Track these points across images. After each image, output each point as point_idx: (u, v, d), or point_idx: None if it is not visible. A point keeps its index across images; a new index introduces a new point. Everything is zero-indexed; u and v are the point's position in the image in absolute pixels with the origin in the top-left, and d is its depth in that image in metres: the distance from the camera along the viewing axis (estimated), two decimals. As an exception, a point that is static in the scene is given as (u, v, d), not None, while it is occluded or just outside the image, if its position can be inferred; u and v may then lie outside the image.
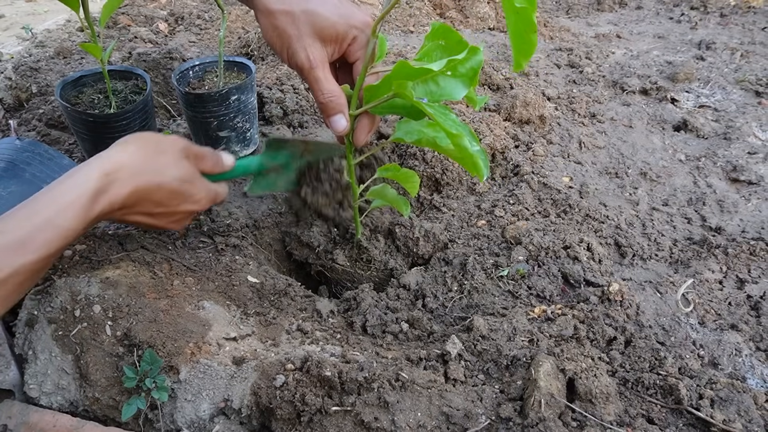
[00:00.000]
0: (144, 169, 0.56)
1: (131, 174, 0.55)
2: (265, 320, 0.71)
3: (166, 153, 0.59)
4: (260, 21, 0.62)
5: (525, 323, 0.69)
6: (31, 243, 0.48)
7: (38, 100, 1.20)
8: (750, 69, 1.44)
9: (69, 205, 0.51)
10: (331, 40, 0.61)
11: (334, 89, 0.61)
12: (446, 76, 0.55)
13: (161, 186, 0.58)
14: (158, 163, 0.58)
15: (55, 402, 0.65)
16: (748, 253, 0.84)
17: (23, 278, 0.48)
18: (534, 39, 0.51)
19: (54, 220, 0.49)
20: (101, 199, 0.53)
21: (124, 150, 0.56)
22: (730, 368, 0.67)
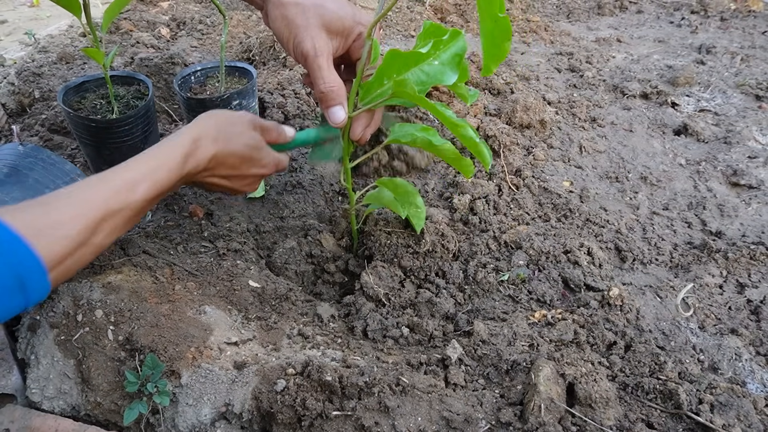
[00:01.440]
0: (221, 137, 0.65)
1: (212, 140, 0.63)
2: (266, 325, 0.71)
3: (237, 125, 0.67)
4: (270, 12, 0.64)
5: (525, 328, 0.69)
6: (136, 187, 0.57)
7: (41, 106, 1.21)
8: (750, 73, 1.44)
9: (165, 162, 0.60)
10: (338, 34, 0.64)
11: (334, 80, 0.63)
12: (433, 64, 0.58)
13: (234, 152, 0.66)
14: (232, 133, 0.66)
15: (57, 406, 0.65)
16: (749, 258, 0.84)
17: (130, 214, 0.56)
18: (507, 46, 0.53)
19: (154, 173, 0.58)
20: (190, 161, 0.61)
21: (206, 122, 0.65)
22: (730, 373, 0.67)
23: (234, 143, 0.66)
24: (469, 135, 0.57)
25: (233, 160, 0.66)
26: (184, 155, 0.61)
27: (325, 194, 0.96)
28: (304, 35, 0.62)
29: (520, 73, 1.36)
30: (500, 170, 0.97)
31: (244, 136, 0.67)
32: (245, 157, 0.67)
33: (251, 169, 0.69)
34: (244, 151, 0.67)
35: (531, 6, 2.05)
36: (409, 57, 0.58)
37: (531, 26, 1.78)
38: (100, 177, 0.56)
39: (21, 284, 0.46)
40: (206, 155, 0.63)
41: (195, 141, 0.62)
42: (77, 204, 0.53)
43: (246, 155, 0.67)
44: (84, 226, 0.52)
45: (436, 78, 0.59)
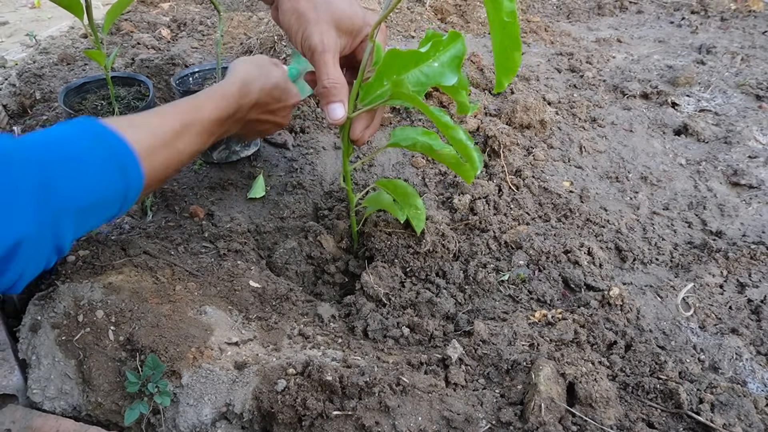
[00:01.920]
0: (262, 74, 0.71)
1: (255, 78, 0.70)
2: (267, 325, 0.72)
3: (268, 64, 0.74)
4: (282, 5, 0.66)
5: (525, 327, 0.69)
6: (202, 107, 0.63)
7: (42, 107, 1.21)
8: (750, 73, 1.44)
9: (224, 94, 0.66)
10: (346, 32, 0.65)
11: (338, 77, 0.64)
12: (433, 65, 0.59)
13: (276, 85, 0.72)
14: (269, 70, 0.73)
15: (59, 407, 0.65)
16: (749, 257, 0.84)
17: (200, 130, 0.63)
18: (518, 57, 0.52)
19: (216, 100, 0.65)
20: (243, 93, 0.68)
21: (245, 66, 0.71)
22: (731, 372, 0.67)
23: (273, 77, 0.72)
24: (460, 137, 0.57)
25: (277, 92, 0.73)
26: (239, 88, 0.68)
27: (325, 194, 0.96)
28: (313, 29, 0.63)
29: (520, 74, 1.36)
30: (500, 170, 0.97)
31: (276, 71, 0.74)
32: (283, 88, 0.74)
33: (289, 99, 0.76)
34: (281, 83, 0.73)
35: (531, 6, 2.05)
36: (409, 57, 0.59)
37: (531, 26, 1.79)
38: (172, 104, 0.63)
39: (122, 167, 0.52)
40: (256, 88, 0.69)
41: (243, 80, 0.69)
42: (158, 115, 0.60)
43: (283, 86, 0.74)
44: (168, 129, 0.59)
45: (435, 79, 0.59)
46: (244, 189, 0.97)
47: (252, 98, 0.69)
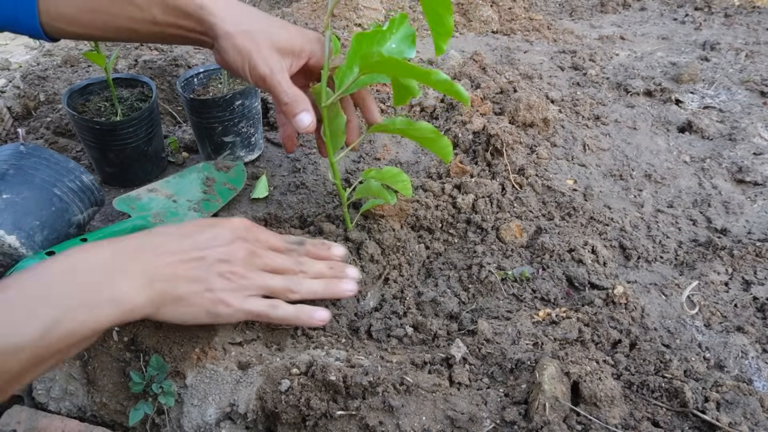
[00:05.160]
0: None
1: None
2: (270, 325, 0.72)
3: None
4: (221, 45, 0.65)
5: (529, 326, 0.69)
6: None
7: (46, 109, 1.22)
8: (755, 69, 1.43)
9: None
10: (289, 53, 0.66)
11: (295, 91, 0.64)
12: (391, 46, 0.62)
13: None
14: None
15: (64, 407, 0.66)
16: (754, 255, 0.84)
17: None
18: (450, 22, 0.54)
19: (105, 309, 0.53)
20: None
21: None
22: (736, 371, 0.67)
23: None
24: (443, 78, 0.55)
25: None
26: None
27: (329, 194, 0.96)
28: (257, 58, 0.63)
29: (523, 72, 1.35)
30: (503, 169, 0.96)
31: None
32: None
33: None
34: None
35: (534, 5, 2.04)
36: (373, 36, 0.60)
37: (534, 24, 1.78)
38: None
39: None
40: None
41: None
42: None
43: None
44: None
45: (399, 55, 0.62)
46: (248, 189, 0.97)
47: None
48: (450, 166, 0.99)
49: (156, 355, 0.63)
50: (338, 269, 0.68)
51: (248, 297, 0.60)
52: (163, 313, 0.56)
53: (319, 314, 0.65)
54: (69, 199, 0.77)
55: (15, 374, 0.44)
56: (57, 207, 0.75)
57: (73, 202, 0.77)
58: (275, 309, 0.62)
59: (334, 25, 1.49)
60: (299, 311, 0.63)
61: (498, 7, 1.86)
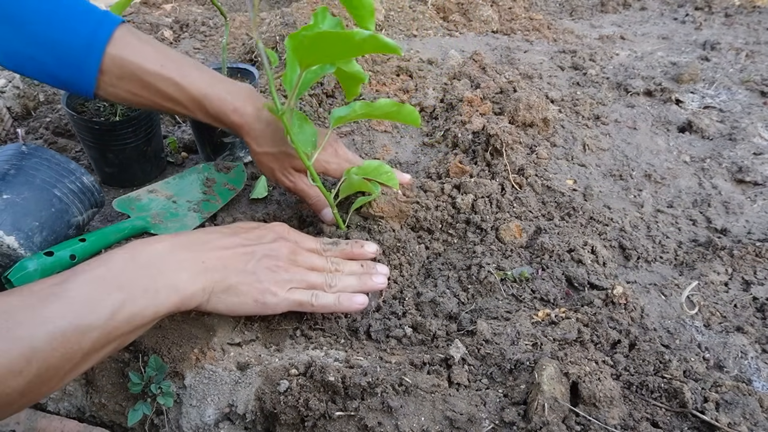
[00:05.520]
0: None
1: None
2: (269, 325, 0.72)
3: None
4: (252, 155, 0.79)
5: (529, 327, 0.69)
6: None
7: (45, 109, 1.22)
8: (755, 69, 1.43)
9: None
10: (303, 170, 0.78)
11: (316, 192, 0.79)
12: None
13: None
14: None
15: (63, 408, 0.66)
16: (754, 255, 0.84)
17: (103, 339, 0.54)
18: (370, 2, 0.53)
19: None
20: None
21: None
22: (736, 371, 0.67)
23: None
24: (365, 35, 0.52)
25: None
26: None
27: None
28: (279, 175, 0.78)
29: (523, 72, 1.35)
30: (503, 169, 0.96)
31: None
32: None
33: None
34: None
35: (534, 4, 2.04)
36: (303, 30, 0.59)
37: (534, 24, 1.78)
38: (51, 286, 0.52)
39: None
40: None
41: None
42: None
43: None
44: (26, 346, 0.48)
45: None
46: (247, 190, 0.97)
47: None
48: (450, 167, 0.99)
49: (155, 355, 0.63)
50: (369, 267, 0.74)
51: (292, 288, 0.66)
52: (215, 302, 0.60)
53: (358, 299, 0.70)
54: (69, 201, 0.77)
55: (85, 353, 0.48)
56: (57, 208, 0.75)
57: (72, 203, 0.77)
58: (317, 298, 0.67)
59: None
60: (339, 298, 0.69)
61: (498, 7, 1.86)
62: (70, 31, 0.64)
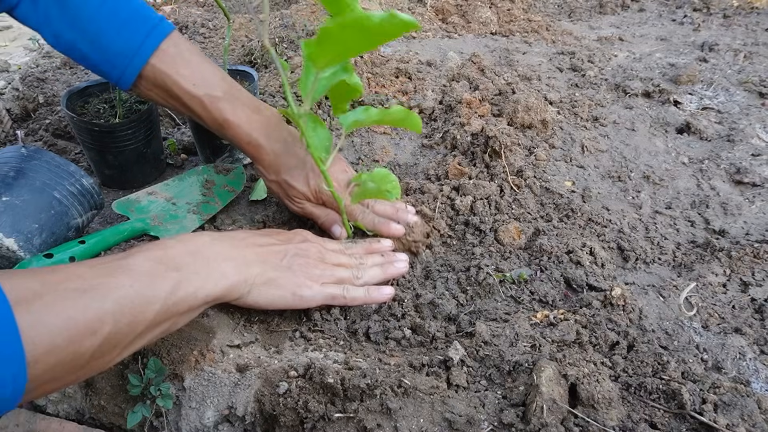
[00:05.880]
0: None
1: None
2: (269, 327, 0.72)
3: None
4: (266, 186, 0.86)
5: (527, 328, 0.69)
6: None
7: (45, 111, 1.22)
8: (753, 70, 1.43)
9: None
10: (304, 198, 0.82)
11: (325, 211, 0.82)
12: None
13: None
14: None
15: (62, 410, 0.66)
16: (752, 256, 0.84)
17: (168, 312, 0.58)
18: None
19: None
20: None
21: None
22: (734, 372, 0.67)
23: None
24: (381, 15, 0.51)
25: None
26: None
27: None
28: (286, 201, 0.83)
29: (522, 73, 1.35)
30: (502, 171, 0.97)
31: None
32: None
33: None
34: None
35: (532, 6, 2.04)
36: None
37: (532, 26, 1.78)
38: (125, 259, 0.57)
39: None
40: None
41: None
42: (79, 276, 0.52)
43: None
44: (92, 316, 0.51)
45: None
46: (246, 191, 0.97)
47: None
48: (448, 168, 0.99)
49: (154, 357, 0.63)
50: (389, 256, 0.80)
51: (324, 283, 0.70)
52: (255, 294, 0.65)
53: (386, 290, 0.75)
54: (68, 203, 0.77)
55: (147, 324, 0.51)
56: (56, 210, 0.75)
57: (72, 205, 0.78)
58: (348, 291, 0.72)
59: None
60: (368, 291, 0.74)
61: (497, 9, 1.87)
62: (121, 38, 0.70)
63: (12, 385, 0.40)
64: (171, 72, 0.72)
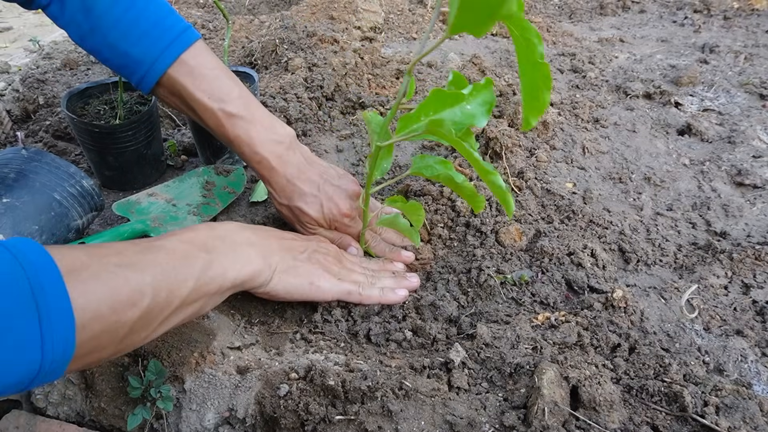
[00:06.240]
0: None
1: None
2: (269, 329, 0.72)
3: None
4: (274, 205, 0.83)
5: (528, 330, 0.69)
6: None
7: (45, 112, 1.22)
8: (754, 72, 1.43)
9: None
10: (317, 224, 0.81)
11: (338, 236, 0.82)
12: (470, 103, 0.60)
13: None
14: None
15: (62, 412, 0.66)
16: (754, 258, 0.84)
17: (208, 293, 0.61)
18: (547, 97, 0.52)
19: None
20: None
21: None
22: (736, 374, 0.67)
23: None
24: (499, 184, 0.59)
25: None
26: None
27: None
28: (297, 227, 0.82)
29: (523, 75, 1.35)
30: (502, 172, 0.96)
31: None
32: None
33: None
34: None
35: (533, 7, 2.05)
36: (450, 96, 0.60)
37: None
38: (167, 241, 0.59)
39: (36, 334, 0.40)
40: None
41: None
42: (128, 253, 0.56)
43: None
44: (141, 283, 0.54)
45: (470, 120, 0.60)
46: (246, 193, 0.97)
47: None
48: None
49: (154, 359, 0.63)
50: (401, 275, 0.80)
51: (340, 279, 0.73)
52: (276, 281, 0.66)
53: (401, 291, 0.76)
54: (69, 204, 0.77)
55: (181, 301, 0.53)
56: (56, 212, 0.75)
57: (72, 207, 0.77)
58: (364, 289, 0.74)
59: (332, 28, 1.50)
60: (383, 290, 0.75)
61: (497, 10, 1.86)
62: (141, 47, 0.70)
63: (62, 347, 0.41)
64: (187, 83, 0.72)
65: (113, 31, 0.70)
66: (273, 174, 0.77)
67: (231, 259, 0.60)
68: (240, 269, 0.61)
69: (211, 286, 0.57)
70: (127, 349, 0.50)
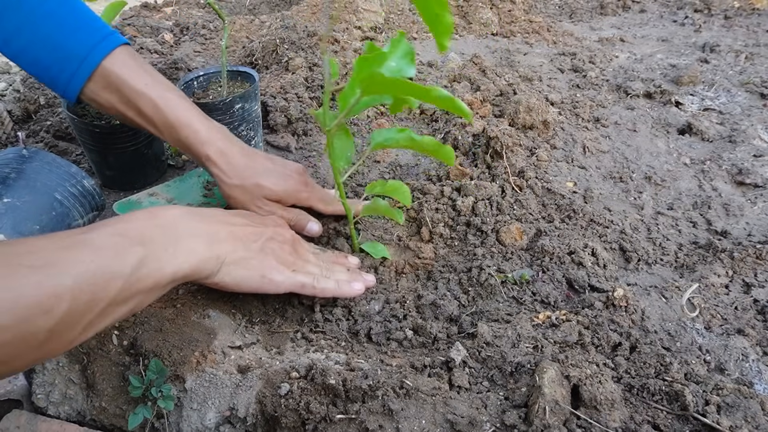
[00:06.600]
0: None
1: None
2: (270, 328, 0.72)
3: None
4: (222, 189, 0.78)
5: (529, 329, 0.69)
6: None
7: (46, 112, 1.22)
8: (755, 71, 1.43)
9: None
10: (276, 200, 0.79)
11: (293, 213, 0.81)
12: (392, 59, 0.61)
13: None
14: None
15: (63, 412, 0.66)
16: (755, 257, 0.84)
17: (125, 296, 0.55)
18: (448, 19, 0.53)
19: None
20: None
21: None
22: (737, 373, 0.66)
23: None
24: (444, 95, 0.56)
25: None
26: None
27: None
28: (251, 207, 0.78)
29: (523, 74, 1.35)
30: (503, 172, 0.96)
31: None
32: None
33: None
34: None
35: (533, 7, 2.04)
36: (374, 59, 0.60)
37: (533, 27, 1.78)
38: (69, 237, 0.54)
39: None
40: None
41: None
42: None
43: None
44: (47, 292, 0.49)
45: (398, 74, 0.61)
46: (247, 192, 0.97)
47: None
48: (450, 169, 0.99)
49: (155, 359, 0.63)
50: (355, 273, 0.77)
51: (294, 271, 0.69)
52: (224, 273, 0.62)
53: (356, 285, 0.73)
54: (70, 204, 0.77)
55: (109, 301, 0.48)
56: (57, 212, 0.75)
57: (73, 206, 0.77)
58: (319, 281, 0.70)
59: (333, 28, 1.50)
60: (339, 283, 0.72)
61: (498, 10, 1.87)
62: (75, 38, 0.69)
63: None
64: (122, 73, 0.70)
65: (47, 23, 0.68)
66: (221, 155, 0.74)
67: (171, 252, 0.55)
68: (181, 262, 0.56)
69: (145, 283, 0.52)
70: (52, 354, 0.46)
